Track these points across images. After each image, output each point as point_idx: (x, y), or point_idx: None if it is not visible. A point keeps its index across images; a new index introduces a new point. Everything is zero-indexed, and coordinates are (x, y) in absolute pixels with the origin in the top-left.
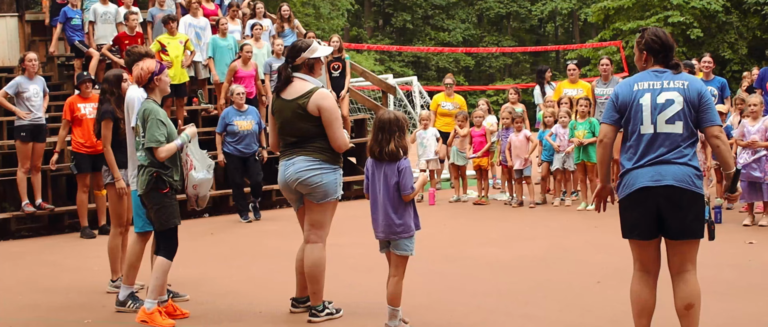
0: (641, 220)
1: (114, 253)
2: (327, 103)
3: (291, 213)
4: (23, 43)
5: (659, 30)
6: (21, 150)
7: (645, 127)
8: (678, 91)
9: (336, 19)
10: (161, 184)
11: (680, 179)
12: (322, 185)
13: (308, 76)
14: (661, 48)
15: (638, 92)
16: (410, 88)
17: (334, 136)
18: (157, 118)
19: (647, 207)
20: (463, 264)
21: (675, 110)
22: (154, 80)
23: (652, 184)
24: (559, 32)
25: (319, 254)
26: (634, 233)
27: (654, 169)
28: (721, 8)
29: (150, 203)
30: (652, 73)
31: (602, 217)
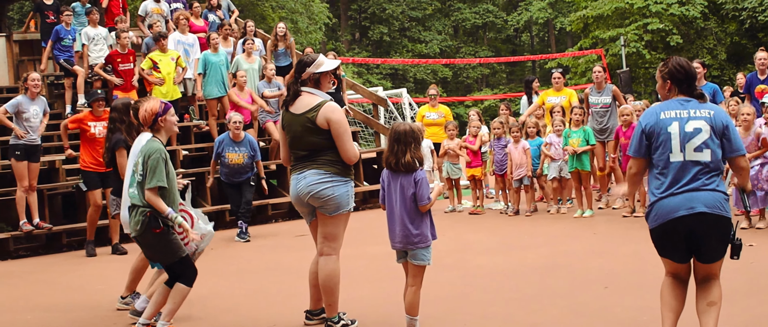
0: (676, 249)
1: (137, 272)
2: (336, 115)
3: (287, 226)
4: (11, 63)
5: (683, 60)
6: (17, 168)
7: (674, 155)
8: (705, 119)
9: (314, 33)
10: (154, 223)
11: (711, 206)
12: (334, 197)
13: (316, 90)
14: (684, 78)
15: (665, 120)
16: (400, 100)
17: (344, 148)
18: (160, 158)
19: (679, 236)
20: (464, 273)
21: (703, 139)
22: (158, 121)
23: (685, 213)
24: (535, 42)
25: (334, 266)
26: (671, 257)
27: (685, 198)
28: (700, 14)
29: (145, 243)
30: (678, 102)
31: (600, 223)
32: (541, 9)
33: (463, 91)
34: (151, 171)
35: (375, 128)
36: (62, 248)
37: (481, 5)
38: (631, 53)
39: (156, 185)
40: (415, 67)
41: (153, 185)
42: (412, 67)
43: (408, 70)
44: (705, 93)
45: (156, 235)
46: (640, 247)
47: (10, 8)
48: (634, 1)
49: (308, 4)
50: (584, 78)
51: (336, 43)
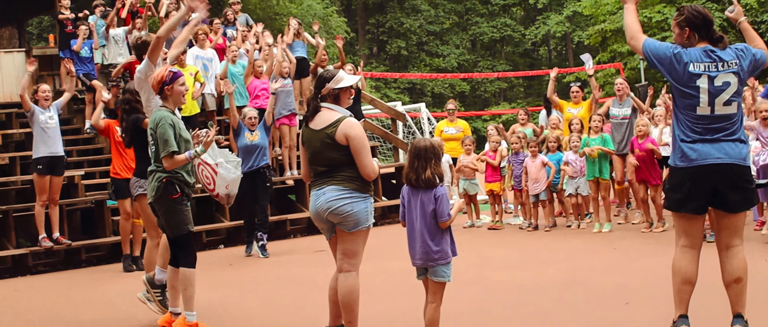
0: (696, 195)
1: (151, 264)
2: (354, 131)
3: (306, 242)
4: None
5: (698, 5)
6: (38, 183)
7: (702, 108)
8: (733, 72)
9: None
10: (171, 188)
11: (738, 157)
12: (353, 214)
13: (335, 106)
14: (703, 23)
15: (694, 74)
16: (418, 114)
17: (363, 164)
18: (167, 124)
19: (705, 183)
20: (484, 288)
21: (731, 92)
22: (164, 89)
23: (713, 162)
24: (553, 55)
25: (353, 283)
26: (687, 207)
27: (714, 147)
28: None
29: (160, 209)
30: (705, 53)
31: (620, 239)
32: (559, 23)
33: (481, 105)
34: (161, 140)
35: (394, 143)
36: (81, 264)
37: (498, 19)
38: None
39: (168, 151)
40: (433, 81)
41: (166, 153)
42: (430, 81)
43: (426, 84)
44: (723, 36)
45: (172, 200)
46: (658, 261)
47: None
48: (653, 14)
49: (326, 18)
50: (603, 92)
51: (354, 57)
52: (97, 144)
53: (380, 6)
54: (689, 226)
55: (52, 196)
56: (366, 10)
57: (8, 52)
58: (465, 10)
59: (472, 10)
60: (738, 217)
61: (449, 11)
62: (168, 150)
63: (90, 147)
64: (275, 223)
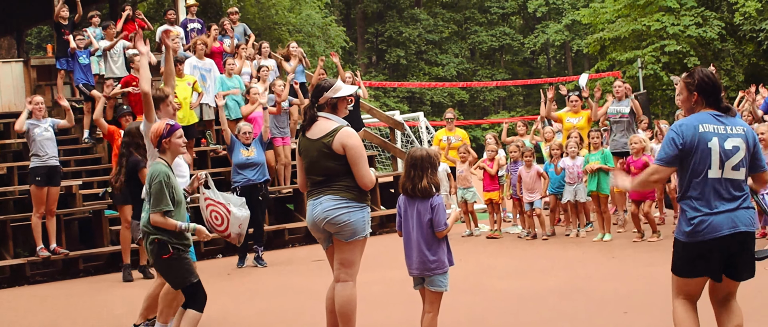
0: (712, 266)
1: (151, 299)
2: (352, 141)
3: (304, 251)
4: (29, 88)
5: (709, 71)
6: (35, 194)
7: (713, 171)
8: (741, 137)
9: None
10: (163, 249)
11: (748, 224)
12: (350, 223)
13: (332, 115)
14: (713, 90)
15: (705, 134)
16: (417, 123)
17: (360, 173)
18: (161, 182)
19: (721, 253)
20: (483, 297)
21: (740, 157)
22: (162, 143)
23: (729, 232)
24: (552, 64)
25: (350, 292)
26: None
27: (727, 217)
28: (717, 36)
29: (157, 269)
30: (711, 116)
31: (619, 247)
32: (558, 31)
33: (480, 114)
34: (154, 197)
35: (392, 152)
36: (79, 274)
37: (497, 28)
38: (649, 75)
39: (160, 210)
40: (432, 91)
41: (157, 210)
42: (429, 91)
43: (425, 93)
44: (731, 106)
45: (165, 260)
46: (657, 270)
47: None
48: (652, 23)
49: (325, 27)
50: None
51: (353, 67)
52: (95, 154)
53: (379, 15)
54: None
55: (49, 207)
56: (365, 19)
57: (6, 62)
58: (464, 19)
59: (471, 19)
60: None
61: (448, 20)
62: (161, 208)
63: (88, 157)
64: (273, 232)
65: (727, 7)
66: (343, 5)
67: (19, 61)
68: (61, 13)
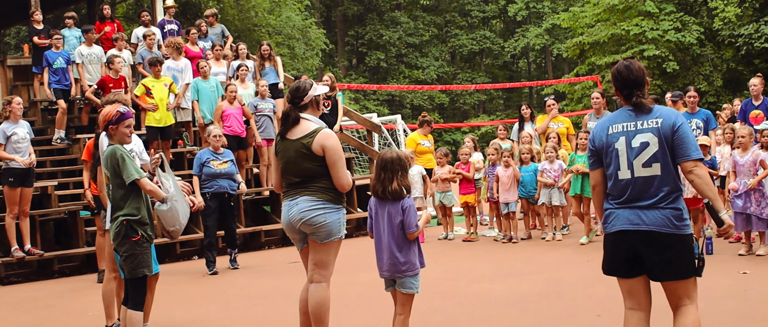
0: (620, 261)
1: (108, 298)
2: (331, 142)
3: (281, 253)
4: (5, 88)
5: (626, 63)
6: (8, 195)
7: (622, 172)
8: (652, 131)
9: (310, 59)
10: (131, 231)
11: (659, 224)
12: (326, 225)
13: (311, 116)
14: (622, 85)
15: (612, 136)
16: (394, 126)
17: (338, 175)
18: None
19: (624, 249)
20: (459, 300)
21: (651, 152)
22: (109, 128)
23: (630, 228)
24: (532, 68)
25: (324, 294)
26: (616, 273)
27: (633, 213)
28: (696, 40)
29: (120, 251)
30: (627, 113)
31: (595, 250)
32: (538, 35)
33: (460, 118)
34: (125, 167)
35: (369, 155)
36: (54, 275)
37: (478, 31)
38: None
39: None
40: (412, 94)
41: (136, 178)
42: (409, 94)
43: (405, 96)
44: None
45: (133, 243)
46: None
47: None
48: (631, 27)
49: (305, 30)
50: (580, 104)
51: (333, 69)
52: (70, 154)
53: (360, 18)
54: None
55: (22, 207)
56: (345, 21)
57: None
58: (444, 23)
59: (451, 23)
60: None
61: (429, 23)
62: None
63: (64, 157)
64: (250, 234)
65: (706, 13)
66: (323, 8)
67: None
68: (35, 17)
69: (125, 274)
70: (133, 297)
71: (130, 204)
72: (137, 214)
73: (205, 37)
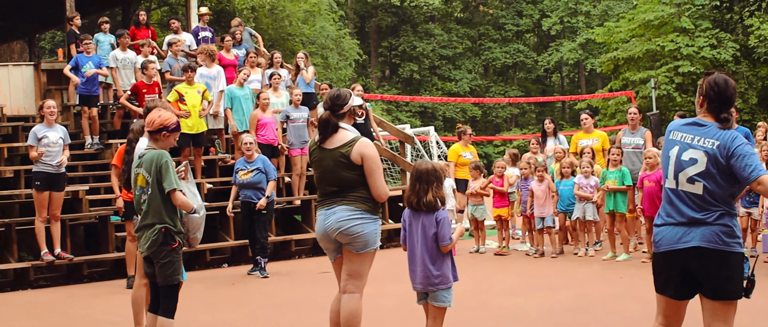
0: (670, 282)
1: (137, 305)
2: (370, 151)
3: (311, 263)
4: (39, 92)
5: (723, 78)
6: (37, 199)
7: (669, 181)
8: (705, 150)
9: (343, 69)
10: (170, 239)
11: (707, 239)
12: (363, 235)
13: (348, 126)
14: (716, 97)
15: (671, 142)
16: (427, 138)
17: (376, 185)
18: (169, 162)
19: (675, 269)
20: (489, 315)
21: (696, 170)
22: (162, 133)
23: (678, 247)
24: (565, 82)
25: (357, 305)
26: (666, 292)
27: (681, 230)
28: (731, 58)
29: (157, 259)
30: (691, 125)
31: (627, 267)
32: (572, 50)
33: (492, 131)
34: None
35: (401, 166)
36: (83, 279)
37: (511, 45)
38: (662, 96)
39: (177, 188)
40: (445, 106)
41: (175, 188)
42: (442, 106)
43: (437, 108)
44: (730, 118)
45: (171, 250)
46: None
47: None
48: (666, 43)
49: (339, 40)
50: (613, 120)
51: (366, 80)
52: (102, 159)
53: (393, 29)
54: (667, 308)
55: (53, 211)
56: (379, 33)
57: (17, 66)
58: (478, 36)
59: (485, 36)
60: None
61: (462, 36)
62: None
63: (96, 162)
64: (280, 243)
65: (741, 30)
66: (357, 18)
67: (30, 65)
68: (76, 22)
69: (159, 281)
70: (165, 304)
71: (169, 212)
72: (175, 223)
73: (240, 44)
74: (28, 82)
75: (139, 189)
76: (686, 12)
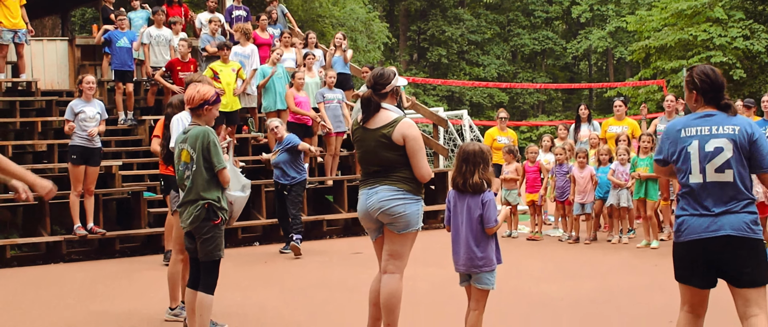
0: (697, 271)
1: (174, 280)
2: (412, 132)
3: (342, 243)
4: (73, 68)
5: (708, 67)
6: (72, 172)
7: (694, 176)
8: (727, 137)
9: (372, 52)
10: (213, 215)
11: (736, 228)
12: (405, 215)
13: (391, 106)
14: (710, 87)
15: (686, 139)
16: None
17: (419, 165)
18: (214, 140)
19: (702, 258)
20: (522, 301)
21: (725, 158)
22: (204, 107)
23: (705, 235)
24: (593, 70)
25: (397, 285)
26: (691, 282)
27: (708, 220)
28: (764, 49)
29: (199, 234)
30: (702, 118)
31: (661, 255)
32: (601, 38)
33: (519, 117)
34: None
35: (434, 149)
36: (115, 254)
37: (540, 31)
38: None
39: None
40: (472, 90)
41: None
42: (469, 90)
43: (464, 92)
44: (732, 104)
45: (214, 226)
46: None
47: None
48: (698, 33)
49: (368, 22)
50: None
51: (394, 63)
52: (136, 135)
53: (422, 13)
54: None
55: (87, 186)
56: (408, 16)
57: (52, 40)
58: (507, 21)
59: (514, 22)
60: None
61: (491, 21)
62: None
63: (129, 138)
64: (312, 223)
65: None
66: (386, 2)
67: (64, 40)
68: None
69: (201, 257)
70: (205, 280)
71: (214, 188)
72: (218, 199)
73: (275, 23)
74: (62, 57)
75: (183, 165)
76: (719, 2)
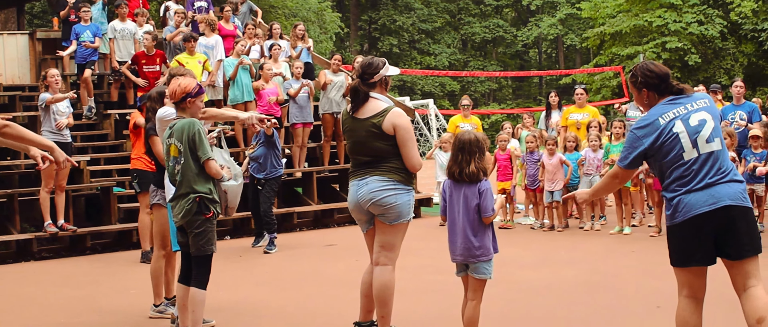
0: (700, 248)
1: (157, 277)
2: (402, 121)
3: (314, 235)
4: (34, 62)
5: (648, 63)
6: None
7: (688, 152)
8: (705, 110)
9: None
10: (205, 208)
11: (734, 198)
12: (397, 206)
13: (380, 95)
14: (657, 79)
15: (668, 124)
16: (426, 111)
17: (409, 155)
18: (200, 131)
19: (706, 233)
20: (506, 288)
21: (711, 128)
22: (186, 100)
23: (708, 209)
24: (542, 58)
25: (389, 277)
26: (693, 261)
27: (707, 193)
28: (718, 34)
29: (191, 228)
30: (671, 103)
31: (636, 241)
32: (552, 25)
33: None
34: (201, 145)
35: None
36: (86, 251)
37: (491, 20)
38: None
39: (210, 157)
40: (424, 79)
41: (208, 157)
42: (420, 79)
43: (416, 82)
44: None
45: (206, 220)
46: None
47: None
48: (653, 19)
49: (320, 12)
50: (599, 95)
51: (345, 53)
52: (101, 130)
53: (373, 3)
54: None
55: (59, 182)
56: (359, 6)
57: (12, 34)
58: (458, 10)
59: (464, 10)
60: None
61: (442, 10)
62: (210, 156)
63: (95, 132)
64: (282, 216)
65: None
66: None
67: (25, 34)
68: None
69: (192, 251)
70: (197, 275)
71: (204, 181)
72: (210, 191)
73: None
74: (22, 51)
75: (173, 159)
76: None
